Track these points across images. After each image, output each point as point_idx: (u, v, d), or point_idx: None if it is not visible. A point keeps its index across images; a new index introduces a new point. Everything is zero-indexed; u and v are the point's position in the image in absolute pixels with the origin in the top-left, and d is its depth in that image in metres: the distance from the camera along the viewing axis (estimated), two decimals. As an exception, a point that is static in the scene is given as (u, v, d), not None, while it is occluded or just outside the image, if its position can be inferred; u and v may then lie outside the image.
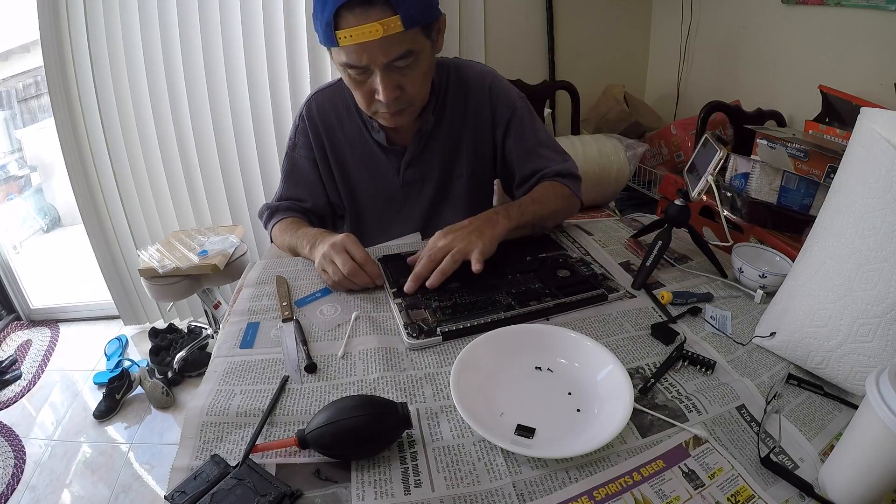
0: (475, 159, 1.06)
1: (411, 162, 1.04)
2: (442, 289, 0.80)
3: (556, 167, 1.03)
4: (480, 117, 1.03)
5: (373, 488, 0.51)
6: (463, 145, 1.05)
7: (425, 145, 1.03)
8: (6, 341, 2.32)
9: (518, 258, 0.90)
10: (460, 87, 1.02)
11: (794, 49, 1.60)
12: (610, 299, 0.80)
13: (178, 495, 0.49)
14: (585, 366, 0.65)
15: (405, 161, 1.04)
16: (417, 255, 0.84)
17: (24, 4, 1.87)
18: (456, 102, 1.02)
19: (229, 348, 0.72)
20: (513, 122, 1.03)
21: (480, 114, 1.03)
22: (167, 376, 1.97)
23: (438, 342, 0.71)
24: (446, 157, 1.05)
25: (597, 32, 2.13)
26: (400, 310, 0.76)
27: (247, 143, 1.95)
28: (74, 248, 3.00)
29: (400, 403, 0.55)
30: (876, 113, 0.59)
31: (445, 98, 1.02)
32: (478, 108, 1.03)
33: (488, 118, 1.03)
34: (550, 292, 0.80)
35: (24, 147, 3.64)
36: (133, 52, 1.80)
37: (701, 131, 1.54)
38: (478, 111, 1.03)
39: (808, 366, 0.65)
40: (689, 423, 0.57)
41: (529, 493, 0.50)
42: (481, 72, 1.04)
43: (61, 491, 1.57)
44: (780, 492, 0.50)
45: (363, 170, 1.06)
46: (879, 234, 0.56)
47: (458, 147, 1.05)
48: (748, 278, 0.83)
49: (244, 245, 1.87)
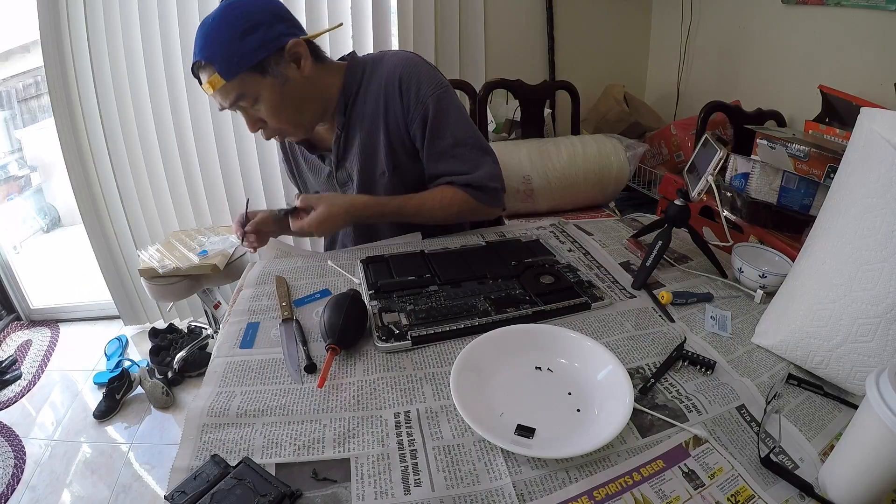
0: (394, 156, 1.02)
1: (338, 164, 1.06)
2: (419, 292, 0.81)
3: (464, 178, 1.00)
4: (393, 113, 0.98)
5: (373, 488, 0.51)
6: (380, 143, 1.01)
7: (345, 147, 1.04)
8: (6, 341, 2.32)
9: (502, 263, 0.89)
10: (373, 83, 0.99)
11: (794, 49, 1.60)
12: (594, 308, 0.78)
13: (178, 495, 0.49)
14: (585, 366, 0.65)
15: (332, 163, 1.06)
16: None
17: (24, 4, 1.87)
18: (369, 100, 0.99)
19: (229, 348, 0.72)
20: (426, 119, 0.97)
21: (392, 110, 0.98)
22: (167, 376, 1.97)
23: (408, 347, 0.70)
24: (365, 156, 1.03)
25: (597, 32, 2.13)
26: (374, 312, 0.76)
27: (247, 143, 1.95)
28: (74, 248, 3.00)
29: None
30: (876, 113, 0.59)
31: (356, 99, 1.00)
32: (389, 104, 0.98)
33: (401, 114, 0.98)
34: (530, 299, 0.79)
35: (24, 147, 3.64)
36: (133, 52, 1.80)
37: (701, 131, 1.54)
38: (389, 107, 0.98)
39: (808, 366, 0.65)
40: (689, 423, 0.57)
41: (529, 493, 0.50)
42: (395, 65, 0.98)
43: (61, 491, 1.57)
44: (780, 492, 0.50)
45: (311, 173, 1.15)
46: (879, 234, 0.56)
47: (376, 145, 1.01)
48: (748, 278, 0.83)
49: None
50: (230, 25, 0.83)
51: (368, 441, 0.56)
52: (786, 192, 1.09)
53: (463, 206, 1.01)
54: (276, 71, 0.87)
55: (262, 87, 0.87)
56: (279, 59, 0.87)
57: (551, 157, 1.60)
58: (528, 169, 1.58)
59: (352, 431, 0.57)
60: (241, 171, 1.99)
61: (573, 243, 1.01)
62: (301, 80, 0.91)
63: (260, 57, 0.84)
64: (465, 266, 0.88)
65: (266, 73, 0.86)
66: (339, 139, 1.03)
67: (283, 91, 0.89)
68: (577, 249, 0.98)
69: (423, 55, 1.05)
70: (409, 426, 0.58)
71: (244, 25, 0.83)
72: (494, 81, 1.67)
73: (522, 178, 1.59)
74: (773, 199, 1.11)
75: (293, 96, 0.91)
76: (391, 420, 0.58)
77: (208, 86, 0.85)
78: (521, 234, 1.04)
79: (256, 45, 0.84)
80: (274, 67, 0.87)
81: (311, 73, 0.92)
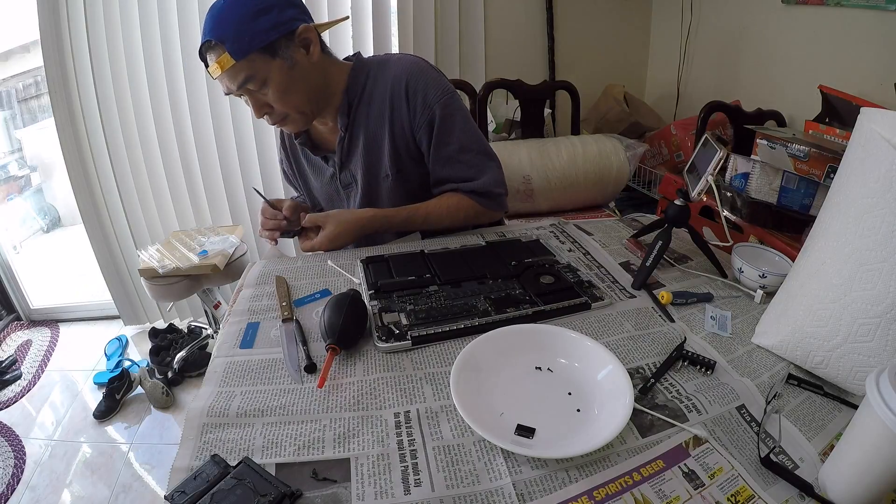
0: (398, 160, 1.02)
1: (341, 165, 1.07)
2: (419, 292, 0.81)
3: (469, 185, 1.01)
4: (398, 117, 0.99)
5: (373, 488, 0.51)
6: (385, 146, 1.01)
7: (349, 148, 1.04)
8: (6, 341, 2.32)
9: (502, 263, 0.89)
10: (379, 86, 0.99)
11: (794, 49, 1.60)
12: (593, 308, 0.78)
13: (178, 495, 0.49)
14: (585, 366, 0.65)
15: (336, 165, 1.07)
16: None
17: (24, 4, 1.87)
18: (374, 103, 0.99)
19: (229, 348, 0.72)
20: (433, 125, 0.98)
21: (398, 114, 0.99)
22: (167, 376, 1.97)
23: (408, 347, 0.70)
24: (369, 159, 1.03)
25: (597, 32, 2.13)
26: (374, 312, 0.76)
27: (247, 143, 1.95)
28: (74, 248, 3.00)
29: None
30: (876, 113, 0.59)
31: (360, 101, 1.00)
32: (395, 108, 0.98)
33: (407, 119, 0.99)
34: (530, 299, 0.79)
35: (24, 147, 3.64)
36: (133, 52, 1.80)
37: (701, 131, 1.54)
38: (395, 111, 0.98)
39: (808, 366, 0.65)
40: (689, 423, 0.57)
41: (529, 493, 0.50)
42: (401, 69, 0.98)
43: (61, 491, 1.57)
44: (780, 492, 0.50)
45: (313, 175, 1.15)
46: (879, 234, 0.56)
47: (380, 148, 1.02)
48: (748, 278, 0.83)
49: (244, 245, 1.87)
50: (243, 5, 0.83)
51: (368, 441, 0.56)
52: (786, 192, 1.09)
53: (469, 211, 1.03)
54: (286, 54, 0.88)
55: (272, 68, 0.87)
56: (289, 43, 0.88)
57: (551, 157, 1.60)
58: (528, 169, 1.58)
59: (352, 431, 0.57)
60: (241, 171, 1.99)
61: (573, 243, 1.01)
62: (309, 66, 0.92)
63: (272, 38, 0.85)
64: (465, 266, 0.88)
65: (276, 54, 0.87)
66: (343, 141, 1.03)
67: (291, 75, 0.89)
68: (577, 249, 0.98)
69: (423, 55, 1.06)
70: (409, 426, 0.58)
71: (257, 6, 0.84)
72: (494, 81, 1.67)
73: (522, 178, 1.59)
74: (773, 199, 1.11)
75: (301, 81, 0.92)
76: (391, 420, 0.58)
77: (217, 66, 0.84)
78: (521, 234, 1.04)
79: (269, 26, 0.84)
80: (284, 50, 0.87)
81: (319, 61, 0.93)
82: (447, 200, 1.03)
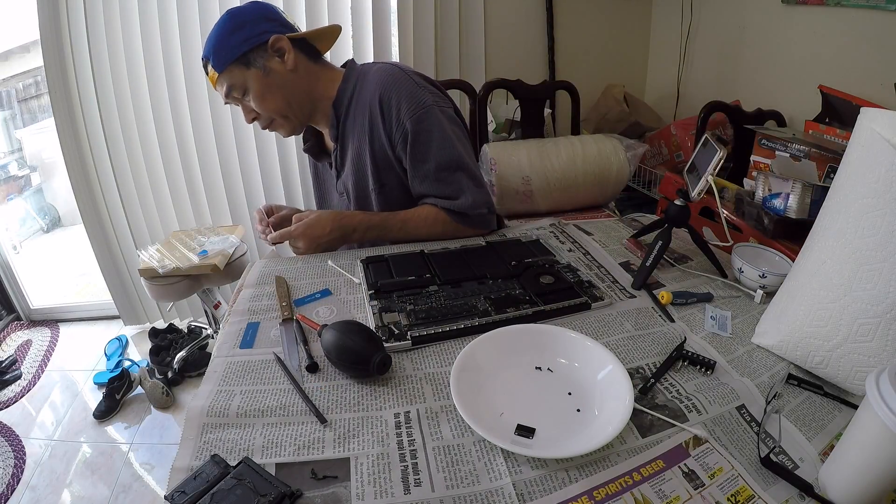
0: (379, 174, 1.02)
1: (338, 175, 1.10)
2: (419, 292, 0.81)
3: (446, 203, 0.99)
4: (377, 132, 0.98)
5: (373, 488, 0.51)
6: (368, 160, 1.01)
7: (342, 159, 1.07)
8: (6, 341, 2.32)
9: (502, 263, 0.89)
10: (361, 99, 1.00)
11: (794, 49, 1.60)
12: (593, 308, 0.79)
13: (178, 495, 0.49)
14: (585, 366, 0.65)
15: (334, 173, 1.11)
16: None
17: (24, 4, 1.87)
18: (357, 115, 1.00)
19: (229, 348, 0.72)
20: (407, 141, 0.96)
21: (376, 129, 0.98)
22: (167, 376, 1.97)
23: (408, 347, 0.70)
24: (356, 173, 1.04)
25: (597, 32, 2.13)
26: (374, 312, 0.76)
27: (247, 143, 1.95)
28: (74, 248, 3.00)
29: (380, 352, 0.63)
30: (876, 113, 0.59)
31: (348, 112, 1.01)
32: (374, 123, 0.98)
33: (384, 134, 0.98)
34: (530, 299, 0.79)
35: (24, 147, 3.64)
36: (133, 52, 1.80)
37: (701, 131, 1.54)
38: (374, 126, 0.98)
39: (808, 366, 0.65)
40: (689, 423, 0.57)
41: (529, 493, 0.50)
42: (377, 82, 0.97)
43: (61, 491, 1.57)
44: (780, 492, 0.50)
45: (322, 179, 1.22)
46: (879, 234, 0.56)
47: (364, 162, 1.02)
48: (748, 278, 0.83)
49: (244, 245, 1.87)
50: (222, 26, 0.94)
51: (368, 441, 0.56)
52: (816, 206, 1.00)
53: (448, 226, 1.01)
54: (260, 63, 0.95)
55: (248, 77, 0.95)
56: (262, 53, 0.94)
57: (551, 157, 1.60)
58: (527, 169, 1.58)
59: (352, 431, 0.57)
60: (241, 171, 1.99)
61: (573, 243, 1.01)
62: (285, 73, 0.97)
63: (243, 50, 0.93)
64: (465, 266, 0.88)
65: (250, 65, 0.94)
66: (336, 151, 1.06)
67: (267, 82, 0.96)
68: (577, 249, 0.98)
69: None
70: (409, 426, 0.58)
71: (234, 24, 0.93)
72: (494, 81, 1.67)
73: (522, 178, 1.58)
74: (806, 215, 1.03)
75: (277, 87, 0.97)
76: (391, 420, 0.58)
77: (210, 79, 0.97)
78: (521, 234, 1.05)
79: (241, 40, 0.93)
80: (258, 60, 0.94)
81: (295, 67, 0.97)
82: (425, 211, 1.01)
